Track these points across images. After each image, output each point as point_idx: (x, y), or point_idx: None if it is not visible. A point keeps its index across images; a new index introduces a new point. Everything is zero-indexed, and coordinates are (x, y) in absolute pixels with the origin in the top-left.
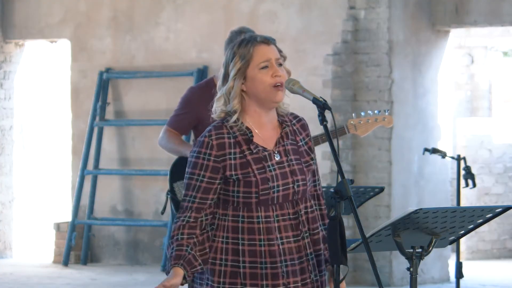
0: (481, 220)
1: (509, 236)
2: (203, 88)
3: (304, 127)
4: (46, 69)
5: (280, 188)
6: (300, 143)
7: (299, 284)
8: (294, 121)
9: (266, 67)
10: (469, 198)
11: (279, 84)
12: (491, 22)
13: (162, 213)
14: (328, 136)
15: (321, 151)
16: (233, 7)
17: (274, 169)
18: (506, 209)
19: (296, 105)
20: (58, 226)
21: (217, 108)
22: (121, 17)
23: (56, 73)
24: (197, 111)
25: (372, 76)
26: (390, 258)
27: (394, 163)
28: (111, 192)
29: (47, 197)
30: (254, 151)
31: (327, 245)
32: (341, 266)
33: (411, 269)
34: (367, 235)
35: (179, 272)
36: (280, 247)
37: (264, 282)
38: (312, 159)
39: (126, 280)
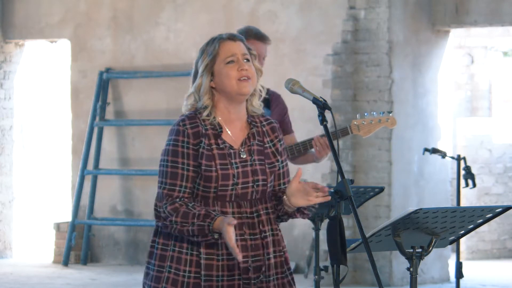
0: (481, 220)
1: (509, 236)
2: None
3: (274, 129)
4: (46, 69)
5: (239, 186)
6: (267, 145)
7: (252, 281)
8: (264, 123)
9: (232, 61)
10: (469, 198)
11: (245, 77)
12: (491, 22)
13: None
14: (328, 136)
15: None
16: (233, 7)
17: (237, 167)
18: (506, 209)
19: (296, 105)
20: (58, 226)
21: (188, 105)
22: (121, 17)
23: (56, 73)
24: None
25: (372, 76)
26: (390, 258)
27: (394, 163)
28: (111, 192)
29: (47, 197)
30: (221, 146)
31: (327, 245)
32: (341, 266)
33: (411, 269)
34: (367, 235)
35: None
36: (239, 243)
37: (220, 273)
38: (278, 161)
39: (126, 280)
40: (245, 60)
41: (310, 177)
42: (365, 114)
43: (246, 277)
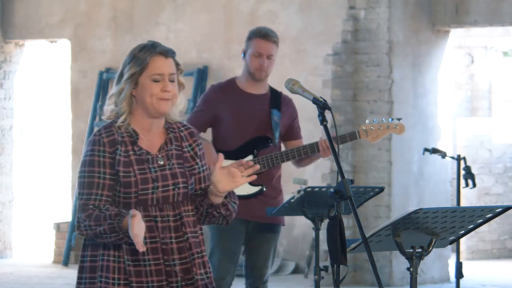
0: (481, 220)
1: (509, 236)
2: (224, 87)
3: (192, 134)
4: (46, 69)
5: (160, 189)
6: (186, 149)
7: (184, 283)
8: (182, 128)
9: (157, 80)
10: (469, 198)
11: (167, 99)
12: (491, 22)
13: None
14: (328, 136)
15: None
16: (233, 7)
17: (155, 171)
18: (506, 209)
19: (296, 105)
20: (58, 226)
21: (108, 106)
22: (121, 17)
23: (56, 73)
24: (215, 109)
25: (372, 76)
26: (390, 258)
27: (394, 163)
28: None
29: (47, 197)
30: (138, 153)
31: (327, 245)
32: (341, 266)
33: (411, 269)
34: (367, 235)
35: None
36: (162, 246)
37: (149, 279)
38: (197, 164)
39: None
40: (170, 81)
41: (310, 177)
42: (374, 120)
43: (172, 281)
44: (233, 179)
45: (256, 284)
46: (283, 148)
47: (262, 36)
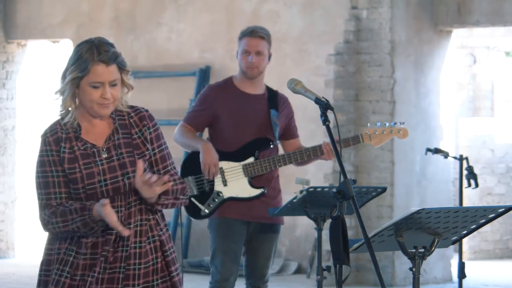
0: (483, 220)
1: (511, 236)
2: (221, 86)
3: (142, 118)
4: (48, 69)
5: (108, 182)
6: (135, 136)
7: (142, 266)
8: (132, 114)
9: (97, 87)
10: (472, 198)
11: (106, 104)
12: (494, 22)
13: None
14: (330, 136)
15: None
16: (235, 7)
17: (102, 164)
18: (508, 209)
19: (299, 105)
20: None
21: (61, 105)
22: (123, 18)
23: (59, 73)
24: (214, 109)
25: (374, 76)
26: (393, 258)
27: (397, 163)
28: None
29: None
30: (82, 147)
31: (330, 245)
32: (344, 266)
33: (414, 269)
34: (370, 235)
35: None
36: (114, 236)
37: (85, 272)
38: (148, 149)
39: None
40: (112, 85)
41: (313, 177)
42: (377, 123)
43: (112, 266)
44: (151, 188)
45: (257, 284)
46: (280, 149)
47: (249, 33)
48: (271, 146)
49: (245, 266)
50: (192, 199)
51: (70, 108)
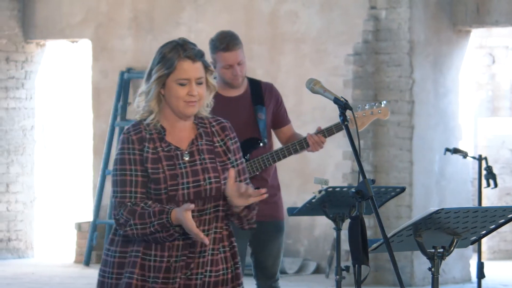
0: (502, 220)
1: None
2: None
3: (224, 129)
4: (67, 69)
5: (190, 185)
6: (217, 144)
7: (213, 274)
8: (213, 123)
9: (184, 84)
10: (490, 198)
11: (193, 102)
12: None
13: None
14: (349, 136)
15: (342, 151)
16: (254, 7)
17: (185, 167)
18: None
19: (318, 105)
20: (79, 226)
21: (140, 103)
22: (142, 17)
23: (77, 73)
24: None
25: (393, 76)
26: (412, 258)
27: (415, 163)
28: None
29: (69, 197)
30: (166, 149)
31: (349, 245)
32: (363, 266)
33: (433, 269)
34: (389, 235)
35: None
36: (190, 241)
37: (176, 274)
38: (229, 159)
39: None
40: (198, 83)
41: (331, 177)
42: (358, 107)
43: (193, 272)
44: (244, 198)
45: (269, 283)
46: (276, 141)
47: (224, 48)
48: (260, 144)
49: (254, 267)
50: None
51: (153, 109)
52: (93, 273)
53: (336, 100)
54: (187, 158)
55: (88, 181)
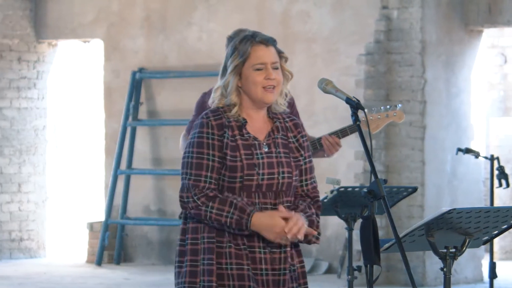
0: None
1: None
2: None
3: (297, 125)
4: (79, 69)
5: (265, 176)
6: (291, 140)
7: (281, 271)
8: (287, 119)
9: (260, 69)
10: (503, 198)
11: (271, 86)
12: None
13: None
14: (361, 136)
15: (354, 151)
16: (266, 7)
17: (262, 158)
18: None
19: (329, 105)
20: (91, 226)
21: (215, 98)
22: (154, 17)
23: (89, 73)
24: None
25: (405, 76)
26: (424, 258)
27: (427, 163)
28: (144, 192)
29: (80, 197)
30: (245, 137)
31: (360, 245)
32: (374, 266)
33: (445, 269)
34: (401, 235)
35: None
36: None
37: (244, 262)
38: (302, 155)
39: (159, 279)
40: (274, 69)
41: (343, 177)
42: (373, 109)
43: (276, 267)
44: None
45: None
46: None
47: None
48: None
49: None
50: None
51: (235, 102)
52: (105, 273)
53: (348, 100)
54: (266, 149)
55: (100, 181)
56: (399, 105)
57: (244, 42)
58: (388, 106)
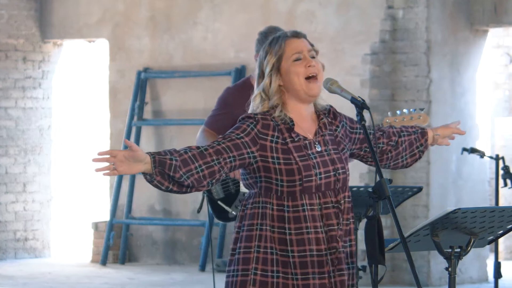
0: None
1: None
2: (239, 88)
3: (335, 116)
4: (84, 68)
5: (322, 175)
6: (336, 133)
7: (344, 272)
8: (326, 113)
9: (299, 59)
10: (508, 198)
11: (313, 74)
12: None
13: (198, 211)
14: (367, 136)
15: None
16: (271, 7)
17: (315, 157)
18: None
19: (335, 104)
20: (96, 226)
21: (255, 106)
22: (159, 17)
23: (94, 73)
24: (234, 111)
25: (410, 76)
26: (428, 258)
27: (432, 163)
28: (149, 192)
29: (85, 197)
30: (296, 139)
31: (365, 245)
32: (379, 266)
33: (450, 269)
34: (406, 235)
35: (147, 158)
36: (326, 235)
37: (311, 270)
38: (346, 145)
39: (164, 279)
40: (311, 57)
41: None
42: (397, 112)
43: (339, 268)
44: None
45: None
46: None
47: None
48: None
49: None
50: (219, 202)
51: (278, 103)
52: (110, 273)
53: (353, 100)
54: (319, 149)
55: (105, 180)
56: (424, 108)
57: (274, 42)
58: (412, 109)
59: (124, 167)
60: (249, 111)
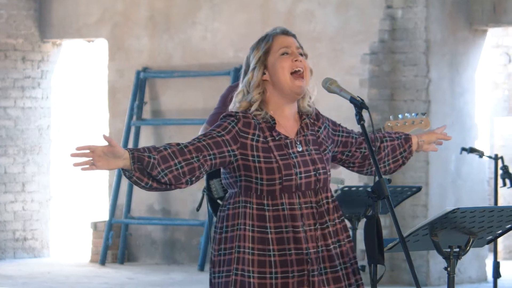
0: None
1: None
2: None
3: (318, 117)
4: (83, 68)
5: (303, 175)
6: (318, 134)
7: (328, 270)
8: (309, 115)
9: (286, 53)
10: (507, 197)
11: (299, 69)
12: None
13: (198, 210)
14: (365, 135)
15: None
16: (270, 7)
17: (296, 157)
18: None
19: (333, 104)
20: (95, 225)
21: (236, 102)
22: (158, 17)
23: (93, 73)
24: None
25: (409, 76)
26: (427, 257)
27: (431, 163)
28: (148, 192)
29: (84, 196)
30: (277, 138)
31: (364, 244)
32: (378, 265)
33: (449, 268)
34: (405, 235)
35: (126, 154)
36: (305, 234)
37: (290, 269)
38: (328, 146)
39: (163, 279)
40: (299, 54)
41: (347, 177)
42: (399, 115)
43: (321, 267)
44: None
45: None
46: None
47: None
48: None
49: None
50: (219, 201)
51: (256, 99)
52: (109, 272)
53: (352, 100)
54: (300, 149)
55: (104, 180)
56: (425, 113)
57: (262, 39)
58: (414, 114)
59: (102, 163)
60: (230, 107)
